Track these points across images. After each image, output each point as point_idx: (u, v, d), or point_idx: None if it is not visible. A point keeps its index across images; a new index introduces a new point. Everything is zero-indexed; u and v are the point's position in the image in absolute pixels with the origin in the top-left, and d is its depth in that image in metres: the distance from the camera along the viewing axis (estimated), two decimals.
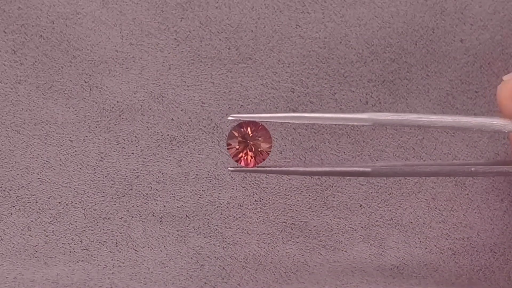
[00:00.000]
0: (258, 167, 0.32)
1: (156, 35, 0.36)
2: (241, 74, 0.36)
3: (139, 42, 0.36)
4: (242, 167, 0.32)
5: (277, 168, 0.33)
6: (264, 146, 0.32)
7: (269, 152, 0.32)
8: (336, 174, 0.32)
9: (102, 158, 0.37)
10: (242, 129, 0.32)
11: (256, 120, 0.31)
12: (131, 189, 0.37)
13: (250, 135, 0.32)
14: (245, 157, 0.32)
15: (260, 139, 0.32)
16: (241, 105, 0.36)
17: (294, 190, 0.37)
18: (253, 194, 0.37)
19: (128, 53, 0.36)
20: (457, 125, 0.30)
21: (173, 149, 0.37)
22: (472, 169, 0.31)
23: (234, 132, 0.32)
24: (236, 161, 0.32)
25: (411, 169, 0.32)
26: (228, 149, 0.32)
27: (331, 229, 0.38)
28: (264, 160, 0.32)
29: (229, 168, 0.32)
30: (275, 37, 0.36)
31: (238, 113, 0.36)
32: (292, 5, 0.35)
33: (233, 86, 0.36)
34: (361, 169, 0.31)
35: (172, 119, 0.36)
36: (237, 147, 0.32)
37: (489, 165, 0.32)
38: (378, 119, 0.30)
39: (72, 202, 0.37)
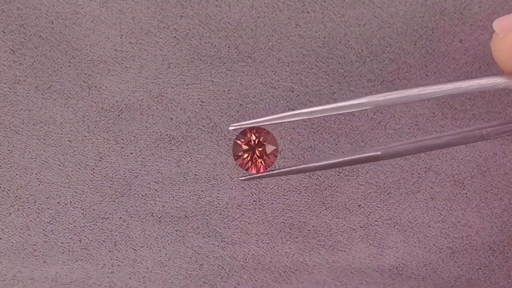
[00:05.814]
0: (268, 171, 0.32)
1: (156, 33, 0.36)
2: (241, 73, 0.36)
3: (139, 41, 0.36)
4: (253, 174, 0.32)
5: (288, 169, 0.32)
6: (270, 149, 0.32)
7: (276, 155, 0.32)
8: (347, 164, 0.30)
9: (101, 158, 0.37)
10: (246, 137, 0.31)
11: (258, 124, 0.31)
12: (130, 189, 0.37)
13: (255, 141, 0.31)
14: (254, 164, 0.32)
15: (265, 143, 0.32)
16: (240, 104, 0.36)
17: (293, 190, 0.37)
18: (252, 195, 0.37)
19: (127, 52, 0.36)
20: (459, 91, 0.29)
21: (172, 149, 0.37)
22: (484, 132, 0.30)
23: (238, 141, 0.31)
24: (246, 169, 0.32)
25: (422, 144, 0.31)
26: (235, 159, 0.32)
27: (330, 229, 0.38)
28: (273, 163, 0.32)
29: (240, 178, 0.32)
30: (275, 36, 0.36)
31: (237, 112, 0.36)
32: (291, 5, 0.35)
33: (232, 85, 0.36)
34: (372, 154, 0.30)
35: (171, 118, 0.36)
36: (245, 156, 0.31)
37: (502, 125, 0.31)
38: (378, 100, 0.29)
39: (71, 202, 0.37)
